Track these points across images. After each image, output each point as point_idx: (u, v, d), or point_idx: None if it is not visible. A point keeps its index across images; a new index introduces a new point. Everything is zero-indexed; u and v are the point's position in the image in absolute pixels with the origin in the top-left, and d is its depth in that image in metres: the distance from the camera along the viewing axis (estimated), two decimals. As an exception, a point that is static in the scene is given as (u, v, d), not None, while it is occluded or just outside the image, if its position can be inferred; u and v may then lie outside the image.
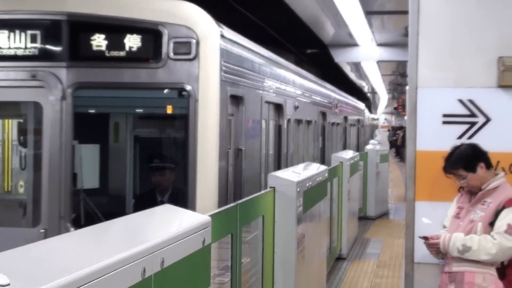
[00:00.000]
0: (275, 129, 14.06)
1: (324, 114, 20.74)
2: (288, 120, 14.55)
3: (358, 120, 33.05)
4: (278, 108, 13.97)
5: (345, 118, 27.80)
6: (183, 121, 9.08)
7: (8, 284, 3.02)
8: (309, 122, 18.36)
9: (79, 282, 3.39)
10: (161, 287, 4.38)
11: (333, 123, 22.94)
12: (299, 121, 17.03)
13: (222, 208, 6.59)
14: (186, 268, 4.89)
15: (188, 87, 8.67)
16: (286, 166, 13.40)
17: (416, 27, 7.38)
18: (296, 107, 15.52)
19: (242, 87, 10.28)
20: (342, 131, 27.14)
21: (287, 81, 15.21)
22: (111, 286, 3.72)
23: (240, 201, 7.03)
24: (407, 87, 7.51)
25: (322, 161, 18.93)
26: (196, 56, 8.70)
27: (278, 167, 13.62)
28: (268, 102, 12.67)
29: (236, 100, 10.12)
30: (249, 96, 10.76)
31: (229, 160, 9.71)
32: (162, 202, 8.86)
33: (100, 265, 3.66)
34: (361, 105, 35.85)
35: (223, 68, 9.09)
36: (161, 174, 9.57)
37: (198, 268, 5.21)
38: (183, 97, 8.94)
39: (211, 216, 5.58)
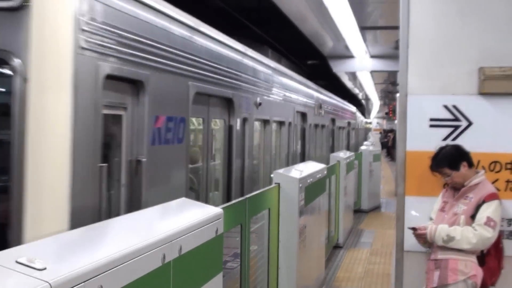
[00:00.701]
0: (224, 131, 9.91)
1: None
2: (244, 119, 10.59)
3: (350, 123, 33.06)
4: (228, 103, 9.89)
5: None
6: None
7: (45, 268, 3.04)
8: (282, 124, 14.28)
9: (107, 266, 3.41)
10: (179, 272, 4.39)
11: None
12: (265, 122, 12.65)
13: (233, 202, 6.59)
14: (201, 254, 4.90)
15: (11, 57, 5.03)
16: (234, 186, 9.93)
17: (406, 40, 7.39)
18: (258, 104, 11.37)
19: (144, 66, 6.41)
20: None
21: (242, 70, 10.59)
22: (135, 270, 3.74)
23: (248, 196, 7.04)
24: (398, 94, 7.51)
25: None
26: (24, 3, 5.04)
27: (228, 187, 9.89)
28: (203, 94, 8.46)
29: (133, 86, 6.34)
30: (163, 82, 6.98)
31: (106, 178, 5.69)
32: None
33: (126, 252, 3.67)
34: (354, 110, 35.85)
35: (87, 27, 5.32)
36: None
37: (212, 255, 5.21)
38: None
39: (223, 208, 5.59)
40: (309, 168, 10.34)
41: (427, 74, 7.37)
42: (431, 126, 7.29)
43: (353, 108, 35.03)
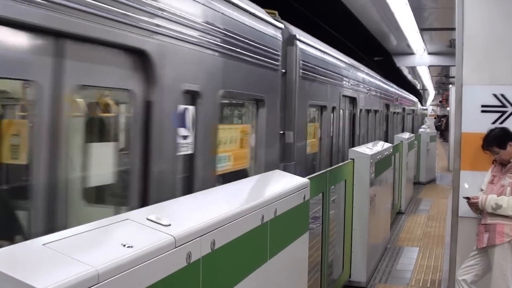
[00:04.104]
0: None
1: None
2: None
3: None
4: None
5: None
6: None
7: (170, 225, 3.13)
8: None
9: (218, 224, 3.49)
10: (274, 231, 4.45)
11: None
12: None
13: (317, 173, 6.62)
14: (292, 216, 4.95)
15: None
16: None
17: (461, 40, 7.29)
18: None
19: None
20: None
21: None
22: (240, 228, 3.81)
23: (329, 169, 7.07)
24: (450, 85, 7.59)
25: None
26: None
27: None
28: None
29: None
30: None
31: None
32: None
33: (233, 212, 3.75)
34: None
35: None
36: None
37: (300, 217, 5.27)
38: None
39: (310, 179, 5.63)
40: (378, 146, 10.30)
41: (479, 68, 7.27)
42: (482, 111, 7.19)
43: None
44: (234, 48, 6.20)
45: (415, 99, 38.81)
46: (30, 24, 3.49)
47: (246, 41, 6.55)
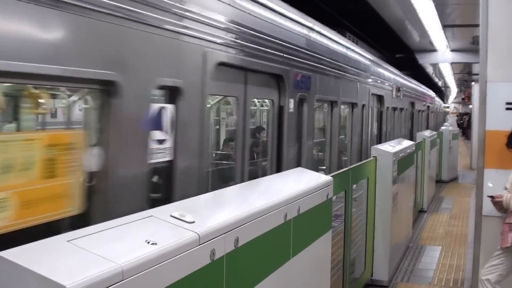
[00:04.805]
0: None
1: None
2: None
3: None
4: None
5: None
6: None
7: (193, 222, 3.13)
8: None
9: (242, 221, 3.49)
10: (297, 229, 4.44)
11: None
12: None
13: (340, 171, 6.60)
14: (315, 215, 4.93)
15: None
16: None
17: (485, 37, 7.22)
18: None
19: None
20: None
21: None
22: (263, 226, 3.80)
23: (351, 166, 7.04)
24: (472, 83, 7.49)
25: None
26: None
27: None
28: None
29: None
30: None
31: None
32: None
33: (256, 210, 3.74)
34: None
35: None
36: None
37: (323, 215, 5.25)
38: None
39: (332, 176, 5.61)
40: (401, 144, 10.25)
41: (504, 65, 7.20)
42: (507, 109, 7.12)
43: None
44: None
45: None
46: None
47: None
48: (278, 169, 7.10)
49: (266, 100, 7.54)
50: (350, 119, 11.80)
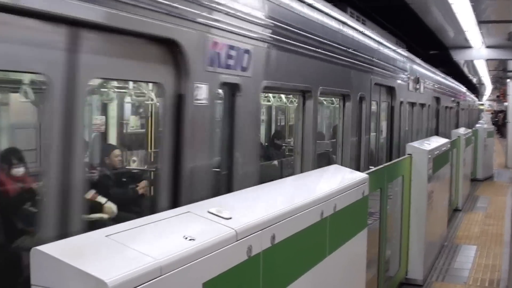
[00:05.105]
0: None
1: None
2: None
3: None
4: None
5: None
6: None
7: (230, 218, 3.13)
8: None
9: (279, 218, 3.48)
10: (333, 226, 4.42)
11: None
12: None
13: (375, 169, 6.56)
14: (351, 212, 4.91)
15: None
16: None
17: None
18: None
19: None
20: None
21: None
22: (300, 223, 3.79)
23: (386, 164, 7.00)
24: (508, 80, 7.33)
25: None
26: None
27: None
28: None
29: None
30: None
31: None
32: None
33: (293, 207, 3.73)
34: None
35: None
36: None
37: (359, 213, 5.22)
38: None
39: (368, 174, 5.58)
40: (436, 142, 10.15)
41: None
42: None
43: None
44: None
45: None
46: None
47: None
48: None
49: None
50: (336, 115, 9.42)
